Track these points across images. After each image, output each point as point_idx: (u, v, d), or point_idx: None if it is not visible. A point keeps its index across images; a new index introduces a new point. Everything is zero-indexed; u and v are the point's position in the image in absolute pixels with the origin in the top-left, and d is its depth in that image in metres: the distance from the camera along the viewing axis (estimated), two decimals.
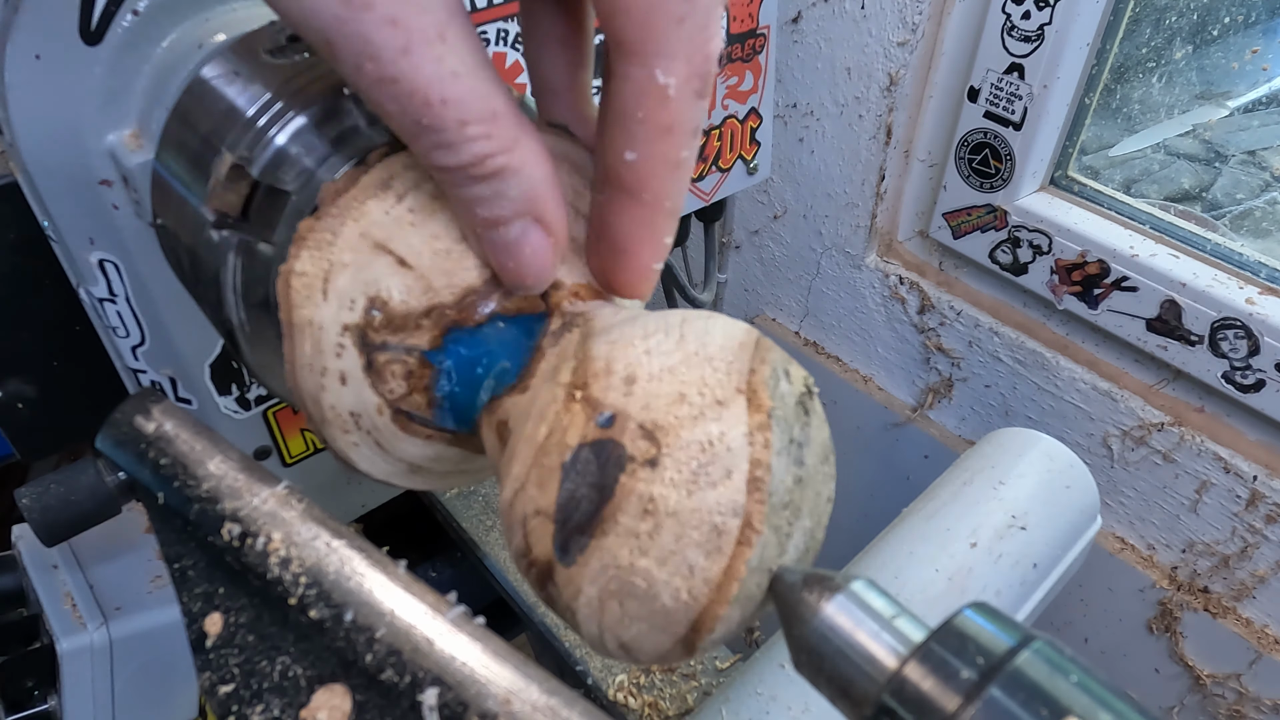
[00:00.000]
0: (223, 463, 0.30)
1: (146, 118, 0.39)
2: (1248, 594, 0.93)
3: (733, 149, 0.73)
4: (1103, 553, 1.02)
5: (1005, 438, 0.83)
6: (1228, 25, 1.08)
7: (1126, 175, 1.08)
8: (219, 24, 0.38)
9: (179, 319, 0.45)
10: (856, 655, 0.23)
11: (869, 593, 0.24)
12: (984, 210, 0.99)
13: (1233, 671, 0.95)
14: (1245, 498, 0.88)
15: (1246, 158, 1.09)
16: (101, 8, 0.36)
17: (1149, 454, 0.95)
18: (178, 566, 0.30)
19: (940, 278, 1.10)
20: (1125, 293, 0.90)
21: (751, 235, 1.29)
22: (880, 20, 0.97)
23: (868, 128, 1.05)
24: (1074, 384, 0.99)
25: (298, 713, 0.25)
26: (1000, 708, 0.19)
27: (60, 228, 0.40)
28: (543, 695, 0.23)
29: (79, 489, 0.36)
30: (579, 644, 0.78)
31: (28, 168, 0.38)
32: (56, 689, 0.54)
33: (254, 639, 0.27)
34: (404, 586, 0.25)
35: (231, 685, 0.27)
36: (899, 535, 0.74)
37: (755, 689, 0.64)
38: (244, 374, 0.50)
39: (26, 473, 1.05)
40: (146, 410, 0.33)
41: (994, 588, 0.70)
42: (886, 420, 1.20)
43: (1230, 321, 0.83)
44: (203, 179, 0.32)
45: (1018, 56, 0.89)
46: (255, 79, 0.32)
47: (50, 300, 0.47)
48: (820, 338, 1.28)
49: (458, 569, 1.03)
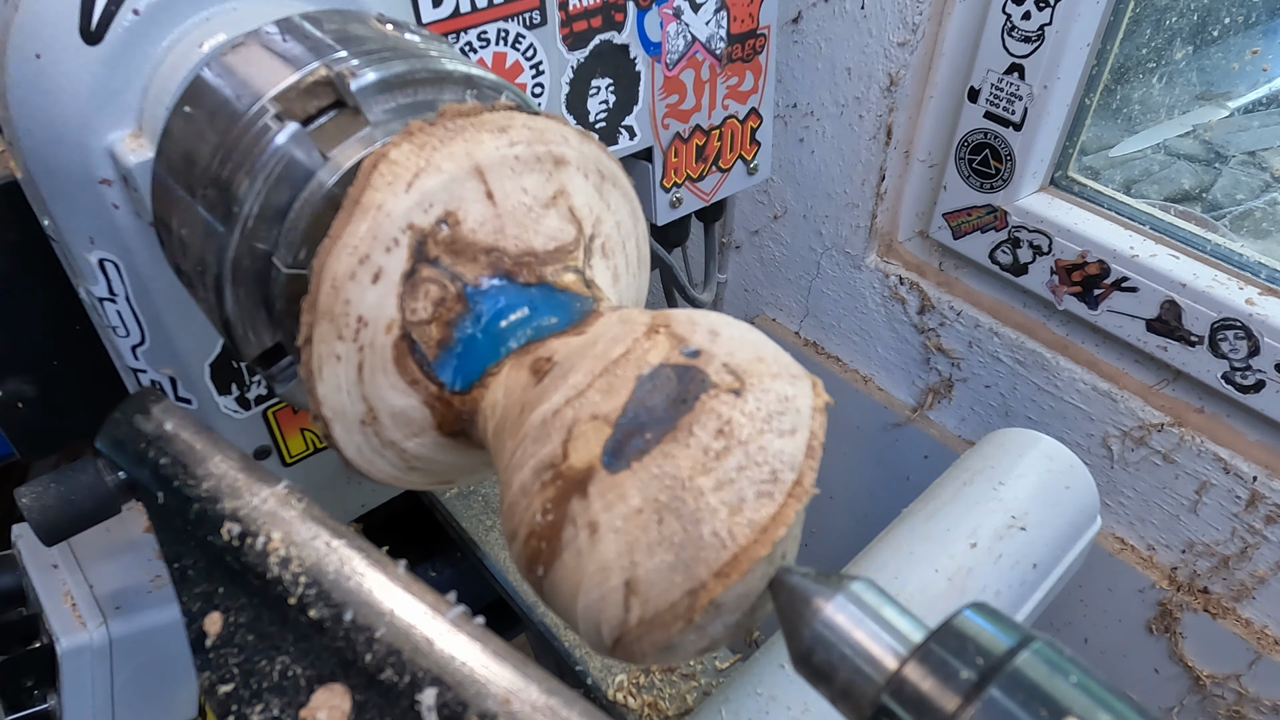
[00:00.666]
0: (222, 462, 0.30)
1: (146, 117, 0.39)
2: (1247, 594, 0.93)
3: (733, 149, 0.73)
4: (1102, 553, 1.02)
5: (1005, 438, 0.83)
6: (1228, 26, 1.08)
7: (1127, 176, 1.08)
8: (219, 23, 0.38)
9: (179, 318, 0.45)
10: (856, 655, 0.23)
11: (869, 593, 0.24)
12: (984, 210, 0.99)
13: (1232, 672, 0.95)
14: (1245, 498, 0.88)
15: (1247, 158, 1.09)
16: (102, 7, 0.36)
17: (1149, 454, 0.95)
18: (177, 566, 0.30)
19: (940, 278, 1.10)
20: (1125, 293, 0.90)
21: (751, 235, 1.29)
22: (880, 20, 0.97)
23: (868, 128, 1.05)
24: (1074, 384, 0.99)
25: (297, 712, 0.25)
26: (1000, 708, 0.19)
27: (60, 227, 0.40)
28: (542, 695, 0.23)
29: (79, 488, 0.36)
30: (579, 644, 0.78)
31: (28, 167, 0.38)
32: (56, 688, 0.54)
33: (254, 638, 0.27)
34: (403, 586, 0.25)
35: (231, 685, 0.27)
36: (899, 535, 0.74)
37: (755, 689, 0.64)
38: (244, 374, 0.50)
39: (26, 472, 1.05)
40: (146, 410, 0.33)
41: (994, 588, 0.70)
42: (886, 420, 1.20)
43: (1230, 322, 0.83)
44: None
45: (1018, 57, 0.89)
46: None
47: (50, 300, 0.47)
48: (820, 338, 1.28)
49: (458, 569, 1.03)
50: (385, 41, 0.34)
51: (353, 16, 0.36)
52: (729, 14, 0.66)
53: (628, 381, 0.26)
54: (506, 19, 0.53)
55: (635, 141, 0.65)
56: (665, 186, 0.70)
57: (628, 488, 0.24)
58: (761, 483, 0.24)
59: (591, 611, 0.25)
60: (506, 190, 0.29)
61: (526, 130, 0.30)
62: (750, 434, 0.25)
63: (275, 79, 0.32)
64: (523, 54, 0.55)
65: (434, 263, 0.29)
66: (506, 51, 0.54)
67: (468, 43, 0.52)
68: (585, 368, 0.27)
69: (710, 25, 0.65)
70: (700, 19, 0.64)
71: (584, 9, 0.56)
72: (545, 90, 0.57)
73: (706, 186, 0.73)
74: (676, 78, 0.65)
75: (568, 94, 0.59)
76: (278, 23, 0.35)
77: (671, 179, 0.70)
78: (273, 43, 0.34)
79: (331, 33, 0.34)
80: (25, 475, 1.09)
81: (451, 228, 0.29)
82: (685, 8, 0.62)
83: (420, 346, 0.29)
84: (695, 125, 0.69)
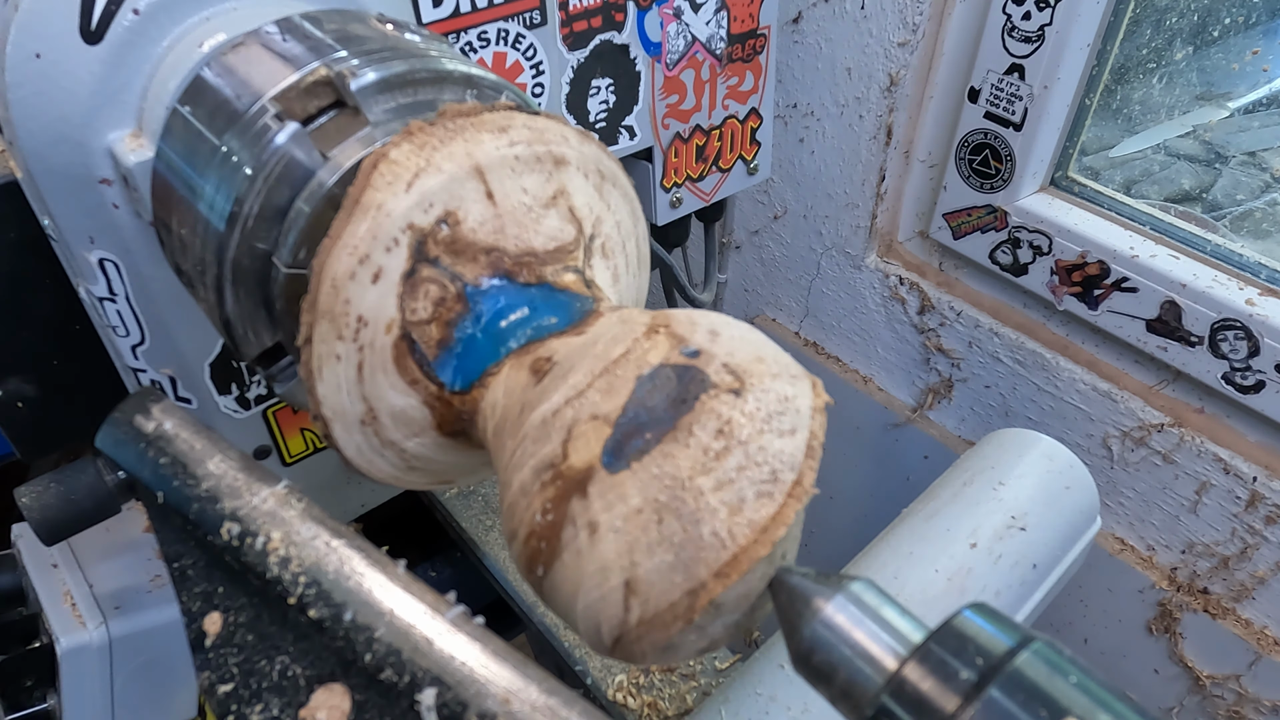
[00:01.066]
0: (222, 462, 0.30)
1: (146, 117, 0.39)
2: (1247, 595, 0.93)
3: (733, 149, 0.73)
4: (1102, 553, 1.02)
5: (1005, 438, 0.83)
6: (1228, 26, 1.08)
7: (1127, 176, 1.08)
8: (219, 23, 0.38)
9: (179, 318, 0.45)
10: (856, 656, 0.23)
11: (868, 593, 0.24)
12: (984, 211, 0.99)
13: (1232, 672, 0.95)
14: (1245, 499, 0.88)
15: (1247, 159, 1.09)
16: (102, 7, 0.36)
17: (1149, 455, 0.95)
18: (177, 566, 0.30)
19: (940, 278, 1.10)
20: (1125, 293, 0.90)
21: (752, 235, 1.29)
22: (880, 20, 0.97)
23: (868, 128, 1.05)
24: (1074, 385, 0.99)
25: (297, 712, 0.25)
26: (999, 708, 0.19)
27: (60, 227, 0.40)
28: (542, 695, 0.22)
29: (78, 488, 0.36)
30: (579, 644, 0.78)
31: (28, 167, 0.38)
32: (56, 688, 0.54)
33: (253, 638, 0.27)
34: (403, 586, 0.25)
35: (231, 684, 0.27)
36: (899, 535, 0.74)
37: (755, 689, 0.64)
38: (244, 373, 0.50)
39: (26, 472, 1.05)
40: (146, 409, 0.33)
41: (993, 588, 0.70)
42: (886, 421, 1.20)
43: (1230, 322, 0.83)
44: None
45: (1018, 57, 0.89)
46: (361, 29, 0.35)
47: (50, 300, 0.47)
48: (820, 338, 1.28)
49: (458, 569, 1.03)
50: (385, 41, 0.34)
51: (353, 16, 0.36)
52: (729, 14, 0.66)
53: (627, 381, 0.26)
54: (507, 19, 0.53)
55: (635, 141, 0.65)
56: (665, 186, 0.70)
57: (628, 488, 0.24)
58: (761, 483, 0.24)
59: (591, 611, 0.25)
60: (506, 190, 0.29)
61: (526, 130, 0.30)
62: (750, 434, 0.25)
63: (275, 79, 0.32)
64: (523, 54, 0.55)
65: (434, 263, 0.29)
66: (507, 51, 0.54)
67: (468, 43, 0.52)
68: (585, 367, 0.27)
69: (710, 25, 0.65)
70: (700, 19, 0.64)
71: (584, 9, 0.56)
72: (545, 90, 0.57)
73: (706, 186, 0.73)
74: (677, 78, 0.65)
75: (568, 94, 0.59)
76: (277, 22, 0.35)
77: (671, 179, 0.70)
78: (273, 42, 0.34)
79: (331, 32, 0.34)
80: (25, 475, 1.09)
81: (451, 227, 0.29)
82: (685, 8, 0.62)
83: (420, 346, 0.29)
84: (695, 125, 0.69)
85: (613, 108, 0.62)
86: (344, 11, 0.37)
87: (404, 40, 0.34)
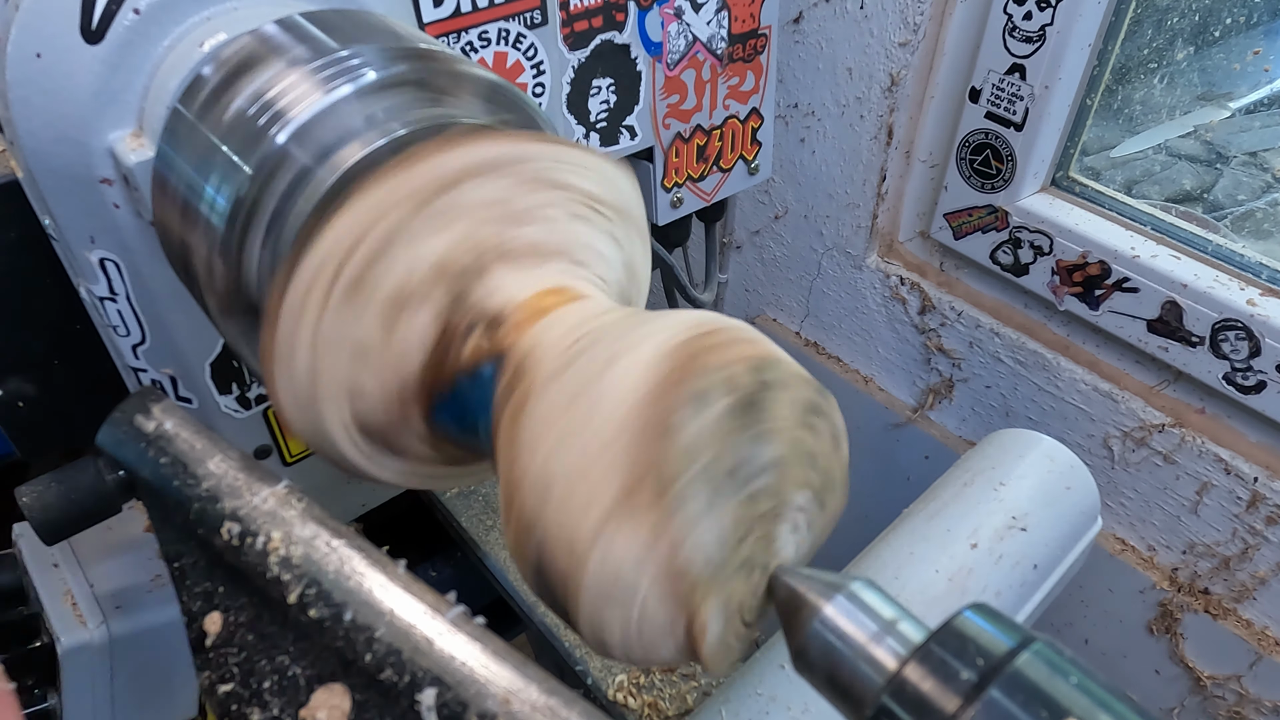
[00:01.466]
0: (223, 462, 0.30)
1: (147, 117, 0.39)
2: (1248, 595, 0.93)
3: (734, 149, 0.73)
4: (1103, 554, 1.02)
5: (1006, 438, 0.83)
6: (1229, 26, 1.08)
7: (1128, 176, 1.08)
8: (220, 23, 0.38)
9: (180, 318, 0.45)
10: (856, 656, 0.23)
11: (869, 594, 0.24)
12: (985, 211, 0.99)
13: (1233, 673, 0.95)
14: (1246, 499, 0.88)
15: (1248, 159, 1.08)
16: (102, 7, 0.36)
17: (1150, 455, 0.95)
18: (177, 565, 0.30)
19: (941, 278, 1.10)
20: (1126, 294, 0.90)
21: (752, 235, 1.29)
22: (881, 20, 0.97)
23: (869, 128, 1.05)
24: (1075, 385, 0.99)
25: (297, 712, 0.25)
26: (1000, 709, 0.19)
27: (61, 226, 0.40)
28: (542, 695, 0.22)
29: (79, 487, 0.36)
30: (579, 644, 0.78)
31: (29, 166, 0.38)
32: (56, 687, 0.54)
33: (253, 638, 0.27)
34: (403, 586, 0.25)
35: (231, 684, 0.27)
36: (899, 536, 0.74)
37: (755, 689, 0.64)
38: (244, 373, 0.50)
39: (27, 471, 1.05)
40: (147, 409, 0.33)
41: (994, 589, 0.70)
42: (887, 421, 1.20)
43: (1231, 323, 0.83)
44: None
45: (1019, 57, 0.89)
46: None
47: (51, 299, 0.47)
48: (821, 338, 1.28)
49: (458, 569, 1.03)
50: (385, 41, 0.34)
51: (353, 16, 0.36)
52: (730, 14, 0.66)
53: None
54: (507, 19, 0.52)
55: (636, 141, 0.65)
56: (666, 186, 0.70)
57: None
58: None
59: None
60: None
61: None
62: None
63: (276, 79, 0.32)
64: (524, 54, 0.55)
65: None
66: (507, 51, 0.54)
67: (469, 42, 0.52)
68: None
69: (711, 25, 0.65)
70: (701, 19, 0.64)
71: (585, 9, 0.56)
72: (546, 90, 0.57)
73: (707, 186, 0.73)
74: (677, 78, 0.65)
75: (568, 94, 0.59)
76: (278, 22, 0.35)
77: (672, 179, 0.70)
78: (273, 42, 0.34)
79: (331, 32, 0.34)
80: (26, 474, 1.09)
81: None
82: (686, 8, 0.62)
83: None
84: (696, 125, 0.69)
85: (613, 108, 0.62)
86: (344, 11, 0.37)
87: (404, 40, 0.34)
